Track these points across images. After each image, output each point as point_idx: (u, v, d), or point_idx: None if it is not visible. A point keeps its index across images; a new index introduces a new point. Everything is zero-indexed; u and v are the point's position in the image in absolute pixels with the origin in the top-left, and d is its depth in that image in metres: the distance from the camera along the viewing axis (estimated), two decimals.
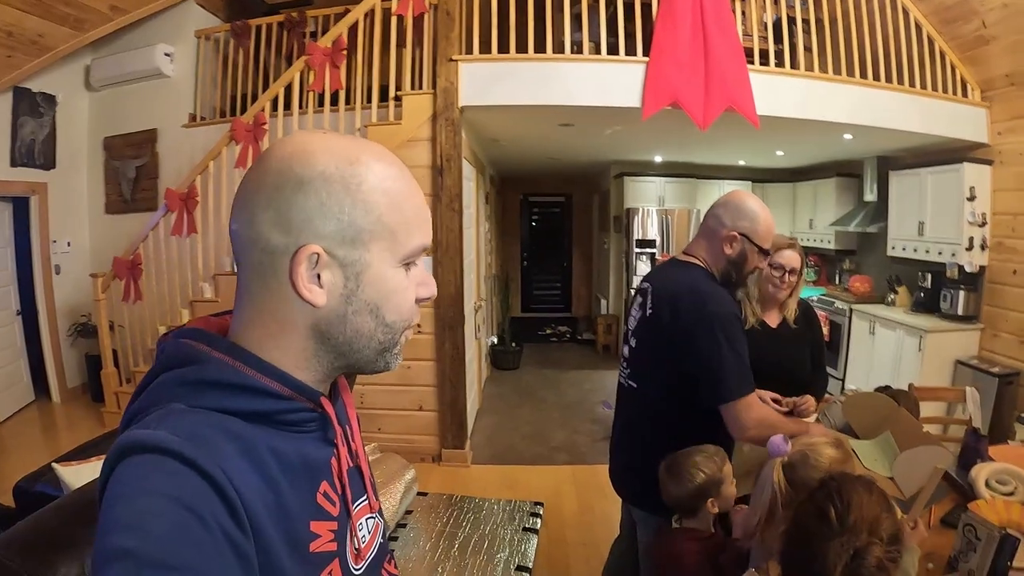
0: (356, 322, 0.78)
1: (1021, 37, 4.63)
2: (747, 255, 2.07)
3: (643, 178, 8.17)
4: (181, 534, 0.59)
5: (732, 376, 1.92)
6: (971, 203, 5.21)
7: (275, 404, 0.75)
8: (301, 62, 4.61)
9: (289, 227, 0.72)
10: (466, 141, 4.81)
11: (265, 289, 0.75)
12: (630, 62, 4.36)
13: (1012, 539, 1.65)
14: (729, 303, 2.03)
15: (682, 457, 1.90)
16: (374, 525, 0.94)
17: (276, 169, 0.73)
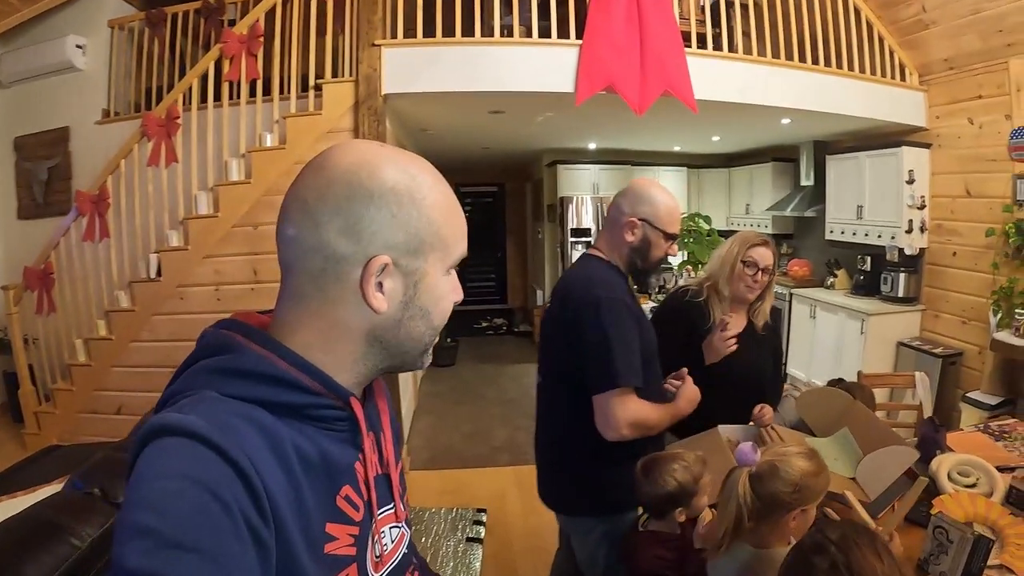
0: (410, 326, 0.81)
1: (960, 22, 4.59)
2: (650, 240, 1.98)
3: (577, 166, 7.95)
4: (202, 517, 0.59)
5: (615, 361, 1.81)
6: (910, 186, 5.21)
7: (305, 398, 0.75)
8: (216, 51, 4.24)
9: (359, 237, 0.75)
10: (392, 131, 4.51)
11: (321, 294, 0.77)
12: (563, 45, 4.11)
13: (985, 540, 1.62)
14: (619, 289, 1.94)
15: (661, 460, 1.81)
16: (399, 534, 0.93)
17: (344, 180, 0.75)
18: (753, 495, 1.46)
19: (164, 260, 4.29)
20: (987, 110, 4.72)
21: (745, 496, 1.46)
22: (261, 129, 4.27)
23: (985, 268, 4.74)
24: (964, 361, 4.98)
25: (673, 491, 1.75)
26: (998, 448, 2.57)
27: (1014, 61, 4.41)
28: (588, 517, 2.08)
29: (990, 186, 4.73)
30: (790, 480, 1.45)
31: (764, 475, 1.47)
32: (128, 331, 4.36)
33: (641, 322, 1.94)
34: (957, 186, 5.04)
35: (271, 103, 4.30)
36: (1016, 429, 2.79)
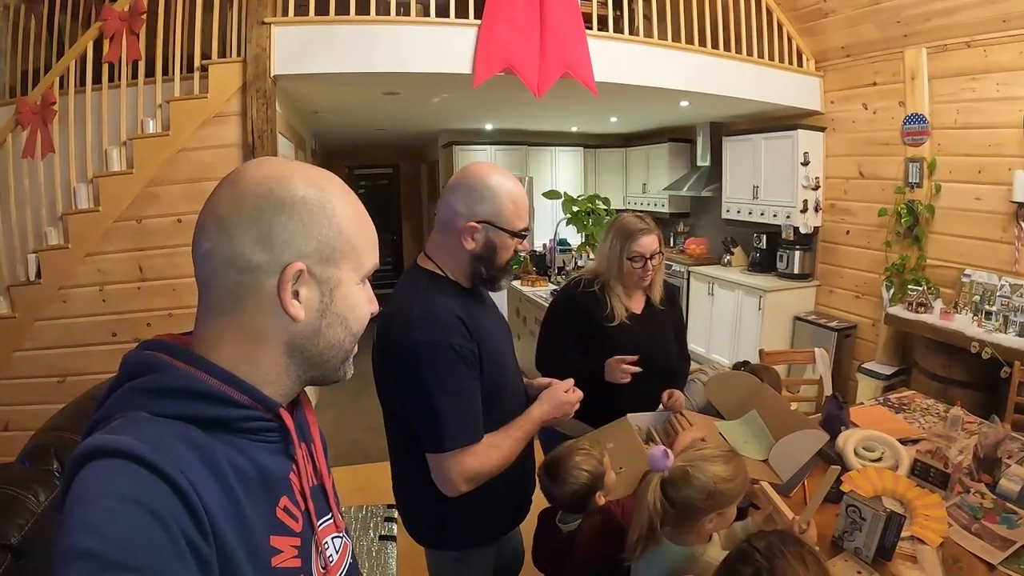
0: (329, 334, 0.81)
1: (858, 12, 4.67)
2: (495, 243, 1.60)
3: (473, 147, 7.79)
4: (142, 536, 0.58)
5: (441, 423, 1.49)
6: (805, 168, 5.29)
7: (234, 411, 0.74)
8: (95, 29, 3.81)
9: (272, 245, 0.74)
10: (282, 114, 4.19)
11: (239, 307, 0.76)
12: (461, 25, 3.89)
13: (897, 517, 1.63)
14: (448, 326, 1.52)
15: (562, 458, 1.70)
16: (342, 545, 0.92)
17: (255, 192, 0.75)
18: (665, 501, 1.40)
19: (44, 260, 3.82)
20: (882, 96, 4.82)
21: (655, 504, 1.39)
22: (143, 114, 3.85)
23: (877, 246, 4.84)
24: (858, 333, 5.12)
25: (587, 482, 1.67)
26: (899, 420, 2.57)
27: (909, 51, 4.50)
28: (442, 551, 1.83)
29: (883, 168, 4.83)
30: (703, 487, 1.37)
31: (677, 481, 1.40)
32: (9, 340, 3.88)
33: (481, 347, 1.59)
34: (851, 168, 5.14)
35: (154, 85, 3.87)
36: (914, 400, 2.80)
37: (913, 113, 4.49)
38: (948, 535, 1.75)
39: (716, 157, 6.42)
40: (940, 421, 2.54)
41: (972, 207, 4.21)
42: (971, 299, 4.06)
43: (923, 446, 2.11)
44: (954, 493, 1.95)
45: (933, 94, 4.41)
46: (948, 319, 3.98)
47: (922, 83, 4.44)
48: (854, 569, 1.59)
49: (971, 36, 4.09)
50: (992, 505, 1.89)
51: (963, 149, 4.26)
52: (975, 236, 4.22)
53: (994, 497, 1.93)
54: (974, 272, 4.11)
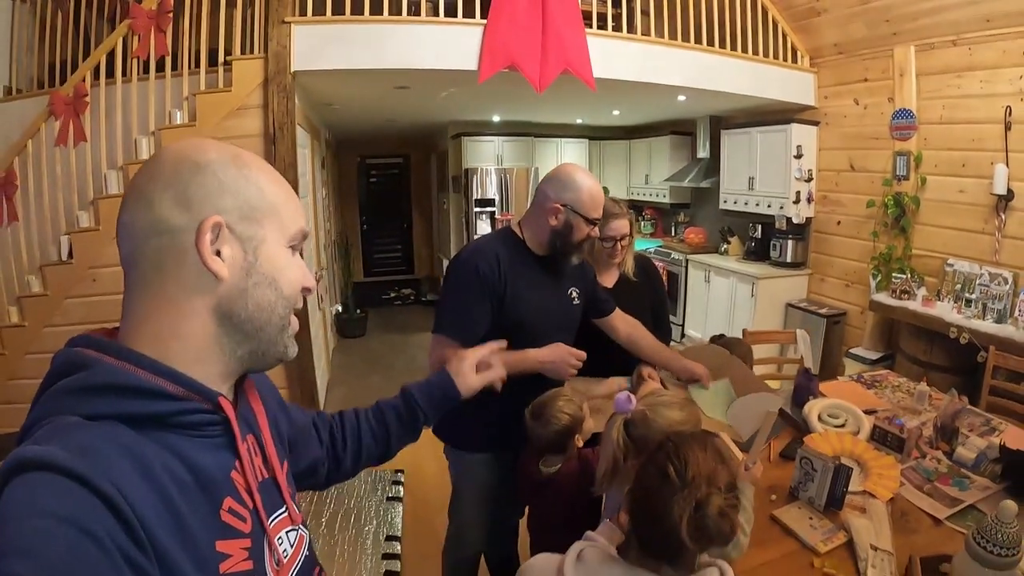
0: (257, 295, 0.76)
1: (850, 11, 4.75)
2: (572, 225, 2.01)
3: (481, 138, 7.89)
4: (75, 557, 0.54)
5: (442, 311, 2.01)
6: (798, 160, 5.39)
7: (169, 405, 0.70)
8: (124, 26, 3.96)
9: (190, 204, 0.72)
10: (300, 107, 4.34)
11: (163, 274, 0.73)
12: (467, 24, 4.03)
13: (845, 468, 1.77)
14: (480, 255, 2.00)
15: (547, 402, 1.93)
16: (297, 538, 0.88)
17: (172, 159, 0.74)
18: (628, 439, 1.56)
19: (75, 242, 4.01)
20: (872, 92, 4.92)
21: (619, 441, 1.56)
22: (170, 106, 4.03)
23: (866, 236, 4.96)
24: (847, 320, 5.23)
25: (568, 424, 1.88)
26: (868, 395, 2.71)
27: (898, 49, 4.60)
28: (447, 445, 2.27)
29: (872, 161, 4.95)
30: (659, 428, 1.53)
31: (637, 422, 1.58)
32: (41, 317, 4.07)
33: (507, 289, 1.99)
34: (842, 161, 5.25)
35: (180, 79, 4.05)
36: (887, 379, 2.94)
37: (901, 108, 4.61)
38: (899, 493, 1.88)
39: (715, 150, 6.51)
40: (909, 397, 2.67)
41: (956, 199, 4.33)
42: (953, 287, 4.18)
43: (882, 414, 2.27)
44: (910, 457, 2.10)
45: (920, 90, 4.53)
46: (930, 306, 4.12)
47: (910, 80, 4.55)
48: (807, 516, 1.75)
49: (957, 35, 4.20)
50: (947, 470, 2.02)
51: (948, 143, 4.38)
52: (958, 227, 4.33)
53: (950, 463, 2.06)
54: (956, 262, 4.23)
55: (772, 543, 1.68)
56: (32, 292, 4.08)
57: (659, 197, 7.74)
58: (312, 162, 5.47)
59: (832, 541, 1.66)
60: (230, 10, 4.02)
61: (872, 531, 1.66)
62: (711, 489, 1.09)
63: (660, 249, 7.06)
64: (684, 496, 1.08)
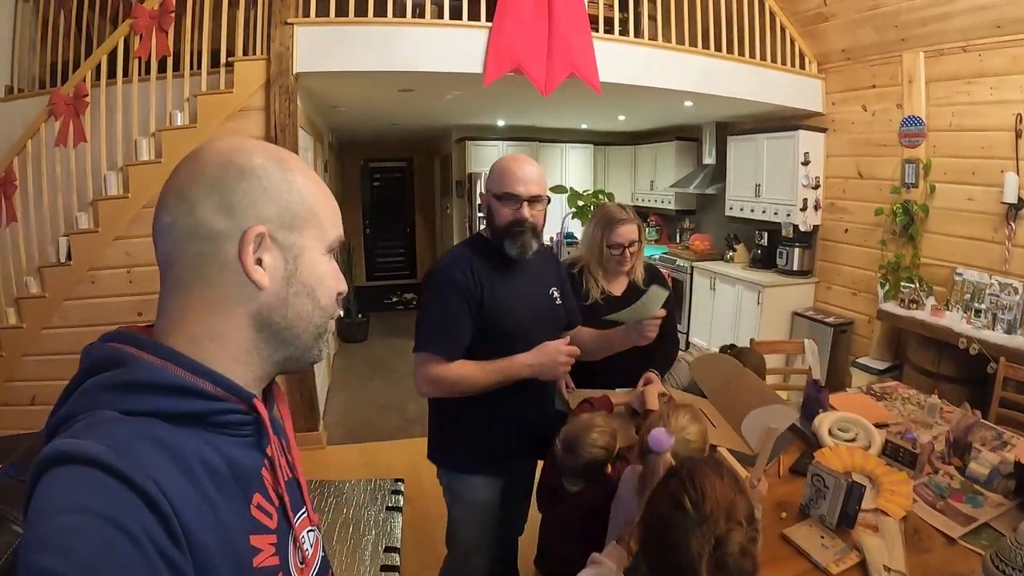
0: (296, 304, 0.77)
1: (858, 16, 4.72)
2: (491, 208, 1.97)
3: (485, 142, 7.84)
4: (110, 554, 0.53)
5: (423, 328, 1.93)
6: (805, 167, 5.35)
7: (207, 404, 0.70)
8: (126, 26, 3.94)
9: (233, 211, 0.72)
10: (302, 109, 4.32)
11: (203, 279, 0.72)
12: (472, 27, 4.01)
13: (858, 486, 1.71)
14: (453, 264, 1.95)
15: (579, 434, 1.81)
16: (315, 538, 0.90)
17: (216, 162, 0.73)
18: None
19: (74, 243, 3.99)
20: (880, 99, 4.88)
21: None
22: (171, 107, 4.01)
23: (873, 244, 4.91)
24: (854, 329, 5.18)
25: (600, 457, 1.79)
26: (878, 407, 2.66)
27: (907, 55, 4.56)
28: (441, 469, 2.20)
29: (880, 169, 4.90)
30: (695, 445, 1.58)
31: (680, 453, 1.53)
32: (39, 318, 4.05)
33: (484, 292, 1.93)
34: (849, 168, 5.21)
35: (181, 80, 4.02)
36: (896, 390, 2.89)
37: (910, 115, 4.57)
38: (912, 510, 1.84)
39: (721, 156, 6.48)
40: (920, 409, 2.62)
41: (965, 207, 4.29)
42: (962, 297, 4.13)
43: (894, 428, 2.23)
44: (923, 473, 2.05)
45: (929, 97, 4.49)
46: (939, 316, 4.08)
47: (919, 86, 4.51)
48: (818, 534, 1.70)
49: (966, 41, 4.16)
50: (960, 486, 1.98)
51: (957, 151, 4.33)
52: (967, 236, 4.29)
53: (963, 479, 2.02)
54: (966, 271, 4.18)
55: (783, 563, 1.64)
56: (30, 294, 4.06)
57: (664, 203, 7.71)
58: (315, 165, 5.43)
59: (844, 561, 1.62)
60: (232, 11, 4.00)
61: (885, 551, 1.62)
62: (731, 524, 1.04)
63: (665, 256, 7.02)
64: (702, 532, 1.03)
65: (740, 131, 6.12)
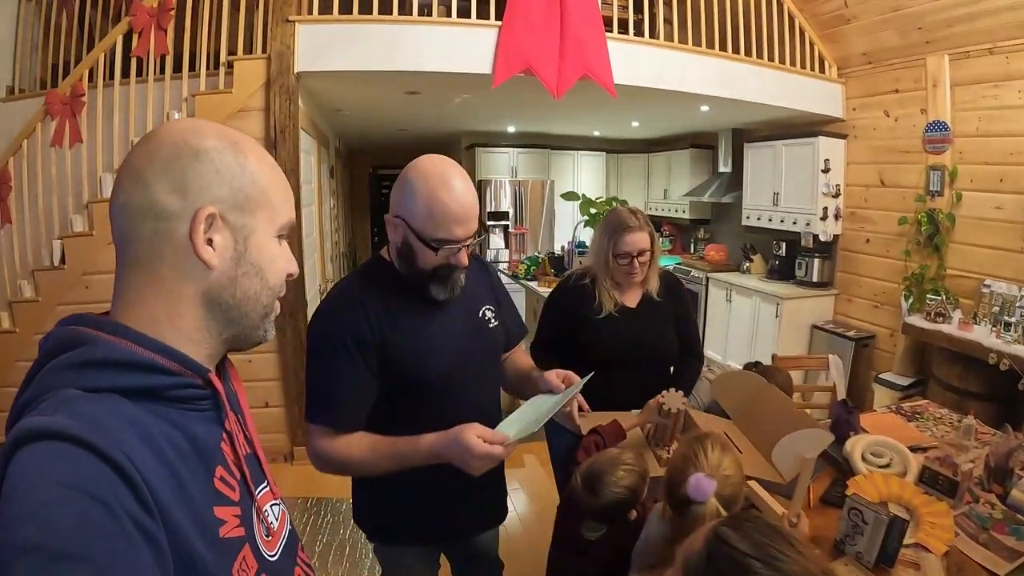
0: (244, 284, 0.80)
1: (880, 18, 4.60)
2: (411, 246, 1.47)
3: (495, 149, 7.85)
4: (87, 523, 0.56)
5: (310, 398, 1.52)
6: (825, 175, 5.24)
7: (164, 379, 0.73)
8: (124, 24, 3.88)
9: (186, 191, 0.75)
10: (305, 111, 4.24)
11: (156, 259, 0.75)
12: (481, 26, 3.91)
13: (900, 521, 1.57)
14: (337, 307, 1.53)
15: (604, 471, 1.56)
16: (280, 512, 0.92)
17: (170, 142, 0.76)
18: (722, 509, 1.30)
19: (68, 246, 3.90)
20: (903, 104, 4.76)
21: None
22: (169, 107, 3.93)
23: (896, 255, 4.78)
24: (876, 343, 5.04)
25: (625, 498, 1.56)
26: (910, 428, 2.52)
27: (931, 58, 4.44)
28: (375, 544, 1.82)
29: (903, 176, 4.77)
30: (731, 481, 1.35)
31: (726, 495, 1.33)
32: (32, 323, 3.95)
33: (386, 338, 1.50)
34: (871, 176, 5.08)
35: (180, 80, 3.95)
36: (928, 410, 2.75)
37: (935, 120, 4.44)
38: (954, 544, 1.70)
39: (737, 163, 6.38)
40: (953, 430, 2.48)
41: (993, 216, 4.14)
42: (990, 310, 3.98)
43: (932, 453, 2.08)
44: (963, 502, 1.91)
45: (955, 101, 4.35)
46: (966, 330, 3.93)
47: (944, 90, 4.38)
48: (855, 574, 1.56)
49: (993, 43, 4.03)
50: (1002, 516, 1.84)
51: (984, 157, 4.20)
52: (996, 246, 4.14)
53: (1004, 508, 1.88)
54: (994, 283, 4.04)
55: None
56: (24, 297, 3.99)
57: (678, 212, 7.63)
58: (319, 170, 5.36)
59: None
60: (233, 9, 3.92)
61: None
62: None
63: (679, 266, 6.90)
64: None
65: (757, 138, 6.02)
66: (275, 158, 3.51)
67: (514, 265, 6.94)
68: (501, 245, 7.87)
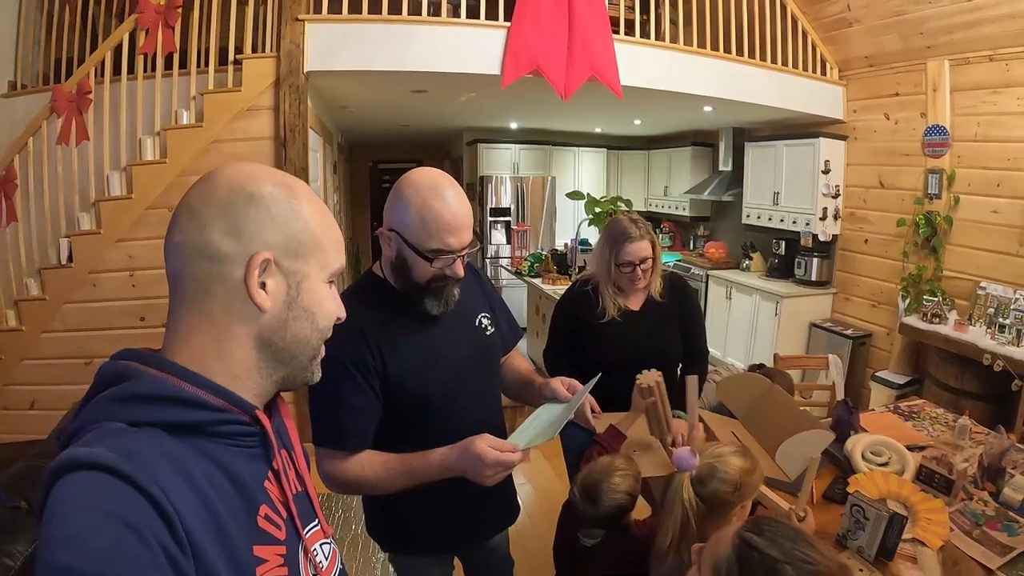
0: (295, 327, 0.82)
1: (883, 22, 4.67)
2: (405, 258, 1.48)
3: (497, 145, 7.89)
4: (119, 550, 0.58)
5: (312, 416, 1.51)
6: (826, 176, 5.32)
7: (208, 415, 0.74)
8: (131, 21, 3.90)
9: (241, 236, 0.77)
10: (312, 109, 4.29)
11: (209, 299, 0.77)
12: (490, 27, 3.98)
13: (900, 517, 1.67)
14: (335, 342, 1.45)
15: (599, 479, 1.63)
16: (331, 551, 0.93)
17: (227, 186, 0.78)
18: (697, 498, 1.44)
19: (75, 245, 3.95)
20: (903, 107, 4.84)
21: (690, 501, 1.42)
22: (177, 105, 3.97)
23: (895, 255, 4.87)
24: (873, 342, 5.14)
25: (623, 503, 1.64)
26: (907, 428, 2.62)
27: (932, 63, 4.52)
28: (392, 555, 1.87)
29: (902, 179, 4.86)
30: (730, 479, 1.43)
31: (705, 477, 1.45)
32: (39, 321, 4.00)
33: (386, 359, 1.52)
34: (871, 177, 5.17)
35: (188, 77, 3.99)
36: (924, 409, 2.85)
37: (934, 124, 4.53)
38: (949, 539, 1.80)
39: (738, 162, 6.45)
40: (948, 430, 2.58)
41: (990, 220, 4.25)
42: (986, 311, 4.08)
43: (929, 452, 2.19)
44: (957, 499, 2.01)
45: (954, 106, 4.45)
46: (962, 330, 4.03)
47: (944, 95, 4.47)
48: (856, 567, 1.66)
49: (994, 50, 4.12)
50: (994, 513, 1.94)
51: (982, 162, 4.30)
52: (992, 249, 4.25)
53: (997, 505, 1.98)
54: (990, 285, 4.14)
55: None
56: (30, 296, 4.02)
57: (678, 210, 7.70)
58: (324, 167, 5.40)
59: None
60: (241, 7, 3.96)
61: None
62: None
63: (679, 263, 6.98)
64: None
65: (758, 137, 6.09)
66: (284, 158, 3.61)
67: (517, 262, 6.99)
68: (503, 241, 7.92)
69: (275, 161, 3.90)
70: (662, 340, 2.40)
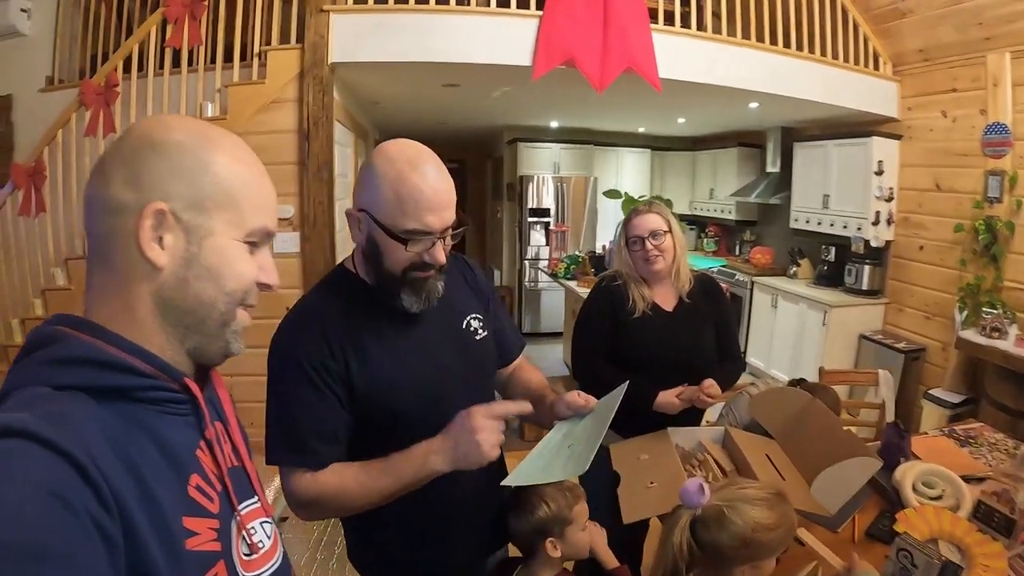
0: (197, 287, 0.77)
1: (937, 13, 4.42)
2: (376, 242, 1.28)
3: (538, 144, 7.75)
4: (48, 520, 0.56)
5: (271, 435, 1.29)
6: (879, 177, 5.06)
7: (135, 380, 0.72)
8: (158, 15, 3.92)
9: (139, 185, 0.73)
10: (342, 103, 4.23)
11: (110, 255, 0.74)
12: (522, 16, 3.85)
13: (954, 567, 1.48)
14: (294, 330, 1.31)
15: (532, 489, 1.47)
16: (273, 531, 0.90)
17: (136, 135, 0.76)
18: (693, 543, 1.22)
19: None
20: (961, 104, 4.57)
21: (682, 544, 1.21)
22: (203, 98, 3.97)
23: (951, 264, 4.60)
24: (927, 357, 4.87)
25: (544, 516, 1.45)
26: (963, 455, 2.40)
27: (992, 56, 4.25)
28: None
29: (960, 181, 4.59)
30: (738, 533, 1.19)
31: (709, 522, 1.22)
32: (64, 310, 3.92)
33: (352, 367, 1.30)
34: (926, 179, 4.90)
35: (213, 71, 3.99)
36: (982, 434, 2.62)
37: (994, 122, 4.26)
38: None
39: (786, 164, 6.24)
40: (1009, 458, 2.36)
41: None
42: None
43: (988, 486, 1.96)
44: (1018, 542, 1.80)
45: (1016, 102, 4.17)
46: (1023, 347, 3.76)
47: (1005, 90, 4.20)
48: None
49: None
50: None
51: None
52: None
53: None
54: None
55: None
56: (56, 285, 4.06)
57: (724, 213, 7.51)
58: (356, 163, 5.34)
59: None
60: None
61: None
62: None
63: (724, 269, 6.77)
64: None
65: (807, 137, 5.86)
66: (307, 151, 3.53)
67: (554, 264, 6.90)
68: (542, 243, 7.82)
69: (298, 154, 3.86)
70: (695, 342, 2.27)
